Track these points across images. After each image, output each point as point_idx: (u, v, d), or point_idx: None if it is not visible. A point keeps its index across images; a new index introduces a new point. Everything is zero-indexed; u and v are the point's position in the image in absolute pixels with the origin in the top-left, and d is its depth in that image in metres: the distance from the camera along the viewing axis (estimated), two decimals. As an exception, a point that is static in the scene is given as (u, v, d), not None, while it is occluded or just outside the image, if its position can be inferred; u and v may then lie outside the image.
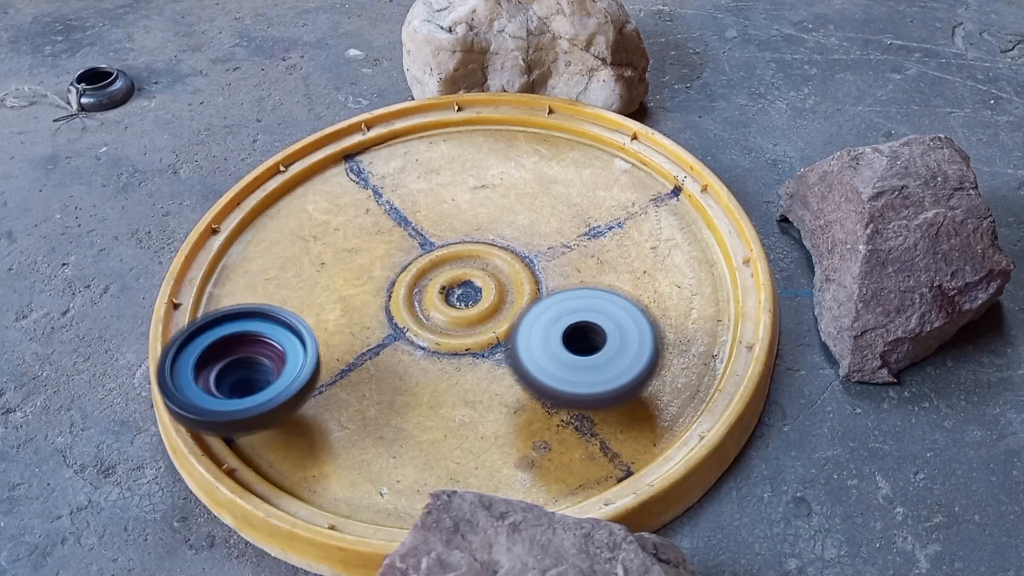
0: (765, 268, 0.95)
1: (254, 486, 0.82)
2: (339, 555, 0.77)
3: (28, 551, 0.81)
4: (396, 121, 1.16)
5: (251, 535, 0.81)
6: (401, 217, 1.06)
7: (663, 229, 1.03)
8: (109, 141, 1.22)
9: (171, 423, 0.84)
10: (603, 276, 0.99)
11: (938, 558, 0.79)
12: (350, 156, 1.13)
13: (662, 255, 1.01)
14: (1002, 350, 0.94)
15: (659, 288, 0.97)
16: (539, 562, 0.64)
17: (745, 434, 0.87)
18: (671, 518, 0.82)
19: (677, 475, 0.80)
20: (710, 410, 0.86)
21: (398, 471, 0.84)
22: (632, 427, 0.86)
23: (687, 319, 0.95)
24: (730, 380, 0.88)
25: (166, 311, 0.95)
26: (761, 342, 0.90)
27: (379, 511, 0.81)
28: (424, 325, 0.95)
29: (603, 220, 1.05)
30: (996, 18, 1.38)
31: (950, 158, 0.96)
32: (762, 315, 0.92)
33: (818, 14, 1.40)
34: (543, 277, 0.99)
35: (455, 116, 1.16)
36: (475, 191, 1.09)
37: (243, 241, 1.04)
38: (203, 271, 1.00)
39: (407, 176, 1.11)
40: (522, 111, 1.17)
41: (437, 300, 0.97)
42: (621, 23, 1.17)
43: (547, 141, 1.15)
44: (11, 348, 0.97)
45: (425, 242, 1.03)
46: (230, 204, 1.06)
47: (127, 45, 1.39)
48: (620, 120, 1.13)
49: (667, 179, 1.08)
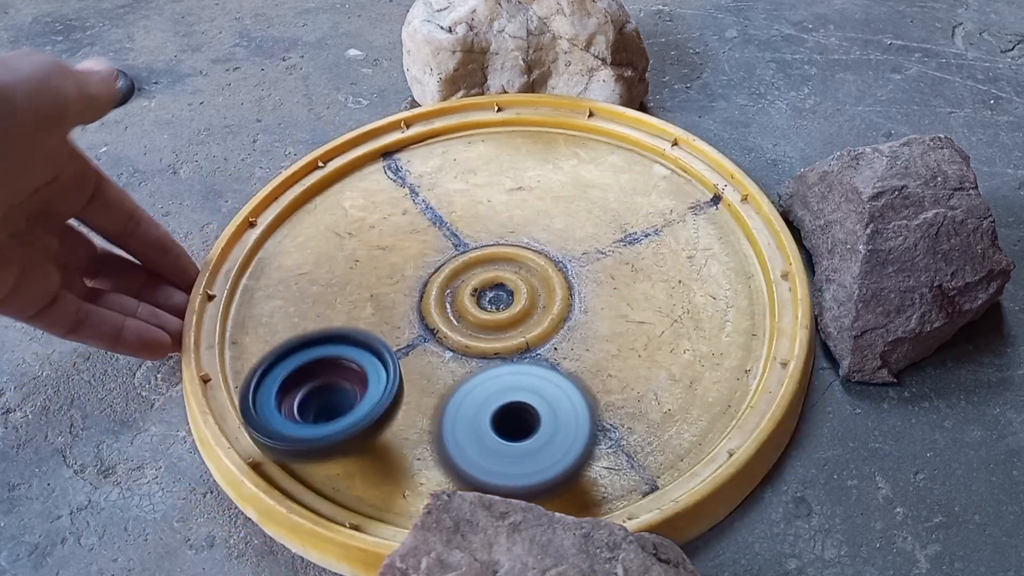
0: (804, 283, 0.93)
1: (279, 481, 0.82)
2: (360, 556, 0.77)
3: (28, 551, 0.81)
4: (436, 120, 1.16)
5: (273, 530, 0.81)
6: (436, 217, 1.06)
7: (701, 238, 1.02)
8: (109, 141, 1.22)
9: (199, 416, 0.84)
10: (637, 284, 0.97)
11: (938, 558, 0.79)
12: (388, 154, 1.13)
13: (698, 265, 0.99)
14: (1002, 350, 0.94)
15: (694, 299, 0.96)
16: (539, 562, 0.64)
17: (776, 452, 0.85)
18: (696, 535, 0.80)
19: (703, 492, 0.79)
20: (740, 427, 0.84)
21: (422, 473, 0.84)
22: (659, 440, 0.85)
23: (721, 332, 0.93)
24: (762, 397, 0.85)
25: (200, 302, 0.95)
26: (796, 359, 0.87)
27: (401, 513, 0.81)
28: (454, 327, 0.94)
29: (640, 227, 1.03)
30: (996, 18, 1.38)
31: (950, 158, 0.96)
32: (799, 331, 0.90)
33: (818, 14, 1.40)
34: (576, 283, 0.98)
35: (495, 116, 1.15)
36: (511, 193, 1.08)
37: (279, 235, 1.04)
38: (238, 264, 0.99)
39: (444, 175, 1.10)
40: (562, 113, 1.15)
41: (468, 302, 0.96)
42: (621, 23, 1.17)
43: (586, 144, 1.13)
44: (11, 348, 0.97)
45: (459, 243, 1.03)
46: (268, 198, 1.06)
47: (127, 45, 1.39)
48: (662, 125, 1.11)
49: (707, 187, 1.06)
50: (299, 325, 0.95)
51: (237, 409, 0.83)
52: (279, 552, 0.81)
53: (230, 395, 0.89)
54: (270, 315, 0.97)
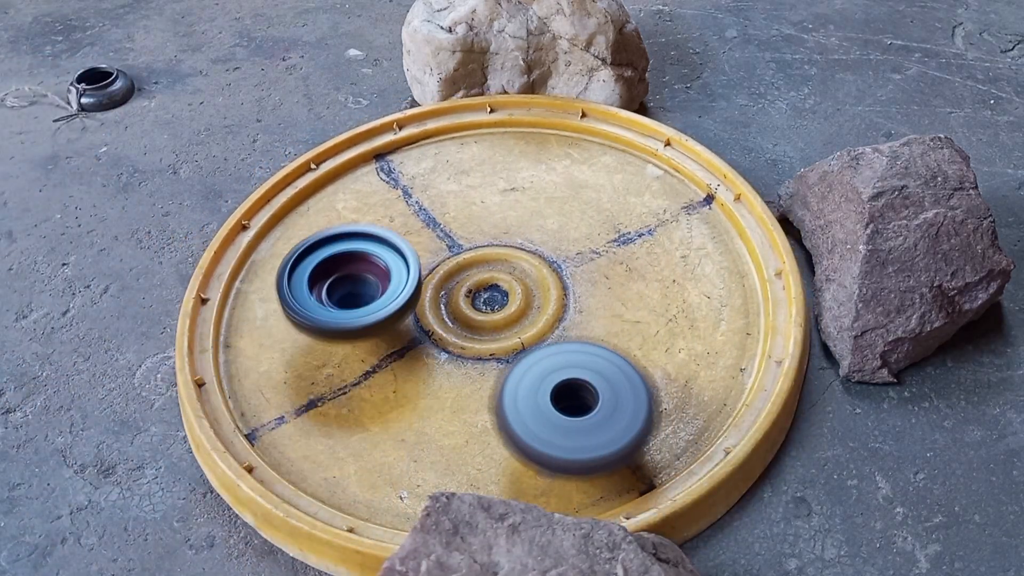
0: (798, 281, 0.94)
1: (274, 485, 0.82)
2: (357, 558, 0.77)
3: (28, 551, 0.81)
4: (428, 121, 1.16)
5: (270, 534, 0.81)
6: (430, 218, 1.06)
7: (694, 238, 1.02)
8: (109, 141, 1.22)
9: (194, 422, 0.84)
10: (631, 283, 0.98)
11: (938, 558, 0.79)
12: (381, 155, 1.13)
13: (692, 264, 0.99)
14: (1002, 350, 0.94)
15: (688, 298, 0.96)
16: (539, 563, 0.64)
17: (772, 450, 0.85)
18: (693, 534, 0.81)
19: (701, 491, 0.79)
20: (736, 425, 0.84)
21: (419, 475, 0.84)
22: (656, 439, 0.85)
23: (716, 330, 0.93)
24: (758, 395, 0.86)
25: (194, 306, 0.95)
26: (791, 357, 0.88)
27: (398, 515, 0.81)
28: (450, 328, 0.95)
29: (633, 227, 1.04)
30: (996, 18, 1.38)
31: (950, 158, 0.96)
32: (793, 329, 0.90)
33: (818, 14, 1.39)
34: (570, 283, 0.99)
35: (487, 117, 1.16)
36: (505, 194, 1.08)
37: (272, 238, 1.04)
38: (232, 266, 1.00)
39: (437, 177, 1.11)
40: (555, 114, 1.16)
41: (463, 304, 0.96)
42: (621, 23, 1.17)
43: (579, 145, 1.14)
44: (11, 348, 0.97)
45: (453, 244, 1.03)
46: (260, 200, 1.06)
47: (127, 45, 1.39)
48: (654, 125, 1.12)
49: (700, 187, 1.07)
50: (294, 328, 0.95)
51: (276, 290, 0.90)
52: (279, 552, 0.81)
53: (224, 399, 0.89)
54: (264, 318, 0.97)
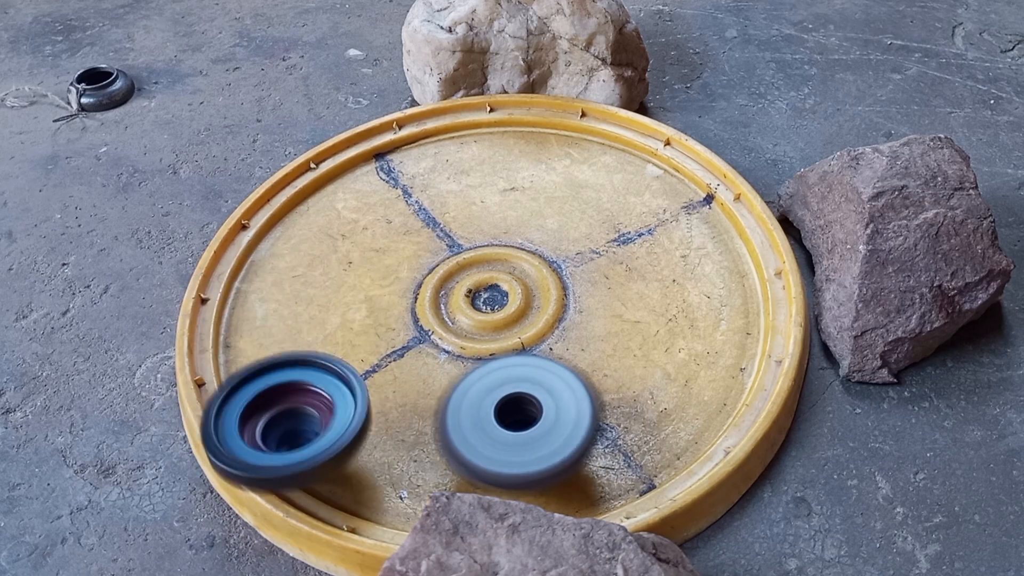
0: (798, 281, 0.94)
1: None
2: (357, 558, 0.77)
3: (28, 551, 0.81)
4: (428, 121, 1.16)
5: (270, 534, 0.81)
6: (430, 218, 1.06)
7: (694, 237, 1.02)
8: (109, 141, 1.22)
9: None
10: (631, 283, 0.98)
11: (938, 558, 0.79)
12: (381, 155, 1.13)
13: (692, 264, 0.99)
14: (1002, 350, 0.94)
15: (688, 297, 0.96)
16: (539, 563, 0.64)
17: (772, 450, 0.86)
18: (693, 533, 0.81)
19: (701, 490, 0.79)
20: (736, 425, 0.84)
21: (418, 475, 0.84)
22: (656, 439, 0.85)
23: (716, 330, 0.93)
24: (758, 395, 0.86)
25: (194, 306, 0.95)
26: (791, 357, 0.88)
27: (398, 514, 0.81)
28: (449, 328, 0.95)
29: (633, 226, 1.04)
30: (996, 18, 1.38)
31: (950, 158, 0.96)
32: (793, 329, 0.90)
33: (818, 14, 1.40)
34: (570, 283, 0.98)
35: (487, 117, 1.16)
36: (505, 193, 1.08)
37: (272, 237, 1.04)
38: (231, 267, 1.00)
39: (437, 176, 1.11)
40: (554, 113, 1.16)
41: (463, 303, 0.96)
42: (621, 23, 1.17)
43: (579, 144, 1.14)
44: (11, 348, 0.97)
45: (453, 244, 1.03)
46: (260, 200, 1.06)
47: (127, 45, 1.39)
48: (654, 125, 1.12)
49: (700, 186, 1.06)
50: (293, 328, 0.95)
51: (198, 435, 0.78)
52: (279, 552, 0.81)
53: None
54: (264, 318, 0.97)
